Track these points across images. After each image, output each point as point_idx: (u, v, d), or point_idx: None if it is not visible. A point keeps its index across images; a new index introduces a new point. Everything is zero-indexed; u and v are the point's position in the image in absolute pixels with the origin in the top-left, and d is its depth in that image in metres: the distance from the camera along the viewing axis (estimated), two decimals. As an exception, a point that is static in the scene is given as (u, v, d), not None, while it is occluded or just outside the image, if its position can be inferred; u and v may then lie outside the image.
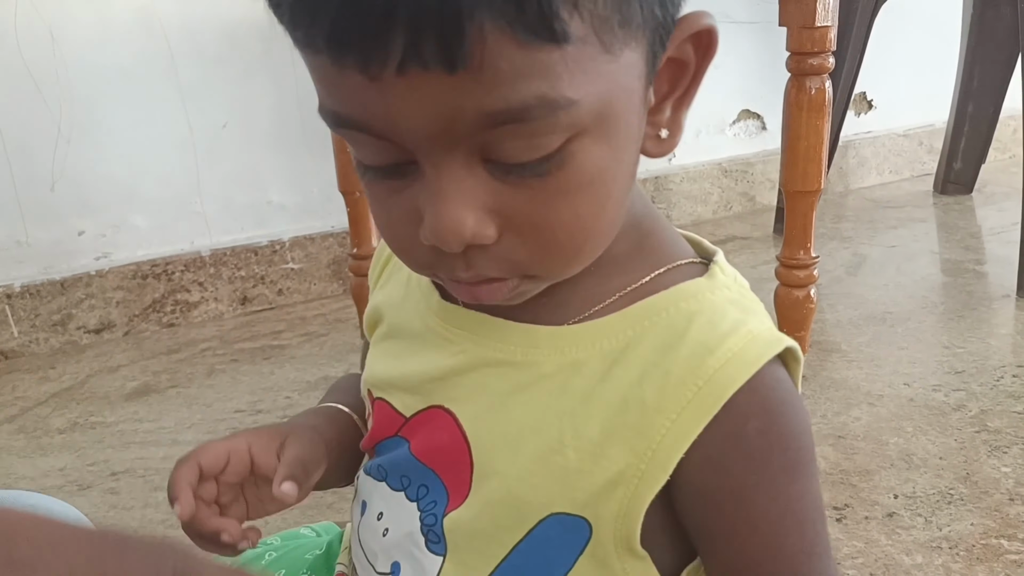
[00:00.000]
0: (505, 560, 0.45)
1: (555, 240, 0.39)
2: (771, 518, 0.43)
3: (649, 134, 0.42)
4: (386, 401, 0.51)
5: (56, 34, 1.55)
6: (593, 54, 0.35)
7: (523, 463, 0.44)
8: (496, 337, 0.45)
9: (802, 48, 1.27)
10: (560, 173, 0.37)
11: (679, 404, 0.41)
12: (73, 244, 1.65)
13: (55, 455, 1.27)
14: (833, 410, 1.27)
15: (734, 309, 0.43)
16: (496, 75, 0.33)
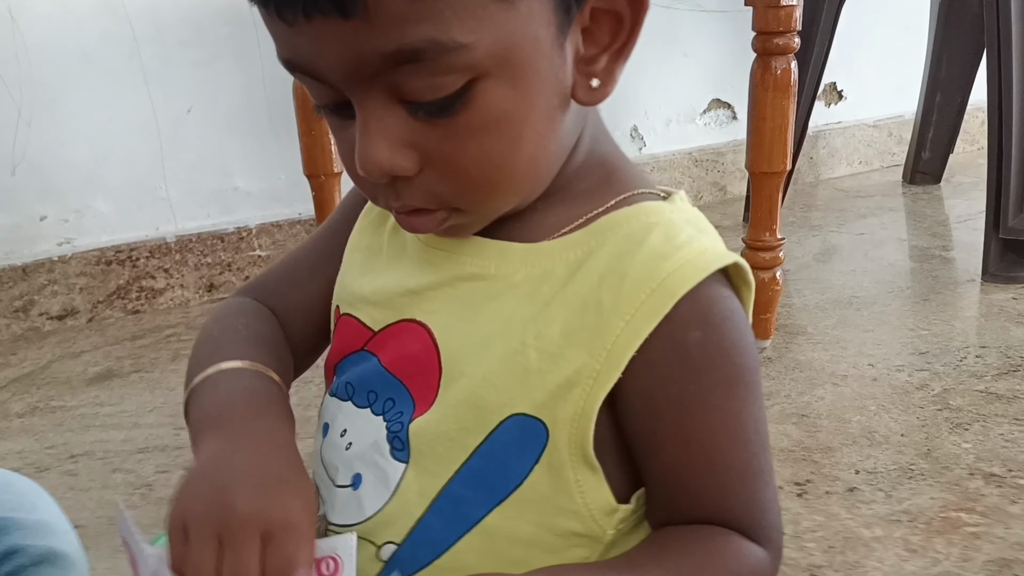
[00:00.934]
0: (465, 464, 0.46)
1: (468, 176, 0.42)
2: (705, 430, 0.44)
3: (581, 82, 0.43)
4: (353, 316, 0.52)
5: (16, 15, 1.53)
6: (483, 2, 0.37)
7: (488, 365, 0.45)
8: (472, 253, 0.48)
9: (768, 27, 1.27)
10: (466, 113, 0.40)
11: (633, 305, 0.43)
12: (35, 229, 1.62)
13: (13, 439, 1.25)
14: (797, 390, 1.27)
15: (690, 227, 0.46)
16: (386, 19, 0.36)
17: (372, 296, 0.51)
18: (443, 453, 0.46)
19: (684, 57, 2.15)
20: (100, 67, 1.60)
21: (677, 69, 2.16)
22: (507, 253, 0.47)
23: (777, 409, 1.22)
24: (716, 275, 0.44)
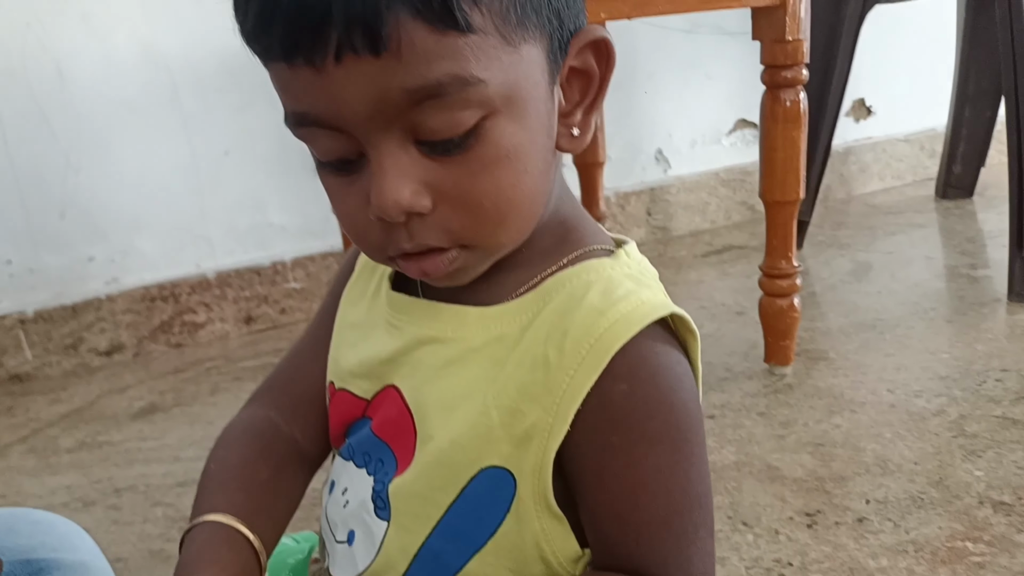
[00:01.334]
0: (441, 521, 0.49)
1: (481, 208, 0.45)
2: (623, 484, 0.46)
3: (563, 132, 0.48)
4: (347, 390, 0.56)
5: (63, 68, 1.61)
6: (495, 43, 0.42)
7: (455, 428, 0.48)
8: (431, 318, 0.51)
9: (775, 61, 1.30)
10: (479, 147, 0.43)
11: (575, 361, 0.45)
12: (83, 270, 1.71)
13: (63, 474, 1.32)
14: (815, 418, 1.29)
15: (629, 282, 0.48)
16: (413, 56, 0.40)
17: (358, 369, 0.55)
18: (419, 511, 0.50)
19: (707, 79, 2.18)
20: (142, 115, 1.68)
21: (700, 91, 2.18)
22: (462, 317, 0.50)
23: (794, 438, 1.24)
24: (654, 329, 0.46)
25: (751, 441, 1.24)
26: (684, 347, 0.49)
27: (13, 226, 1.64)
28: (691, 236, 2.22)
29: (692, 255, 2.08)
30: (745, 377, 1.43)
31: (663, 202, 2.19)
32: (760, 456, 1.20)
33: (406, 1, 0.39)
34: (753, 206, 2.30)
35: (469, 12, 0.40)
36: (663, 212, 2.20)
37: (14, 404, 1.59)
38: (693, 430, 0.47)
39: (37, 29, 1.59)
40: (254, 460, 0.58)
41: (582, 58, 0.47)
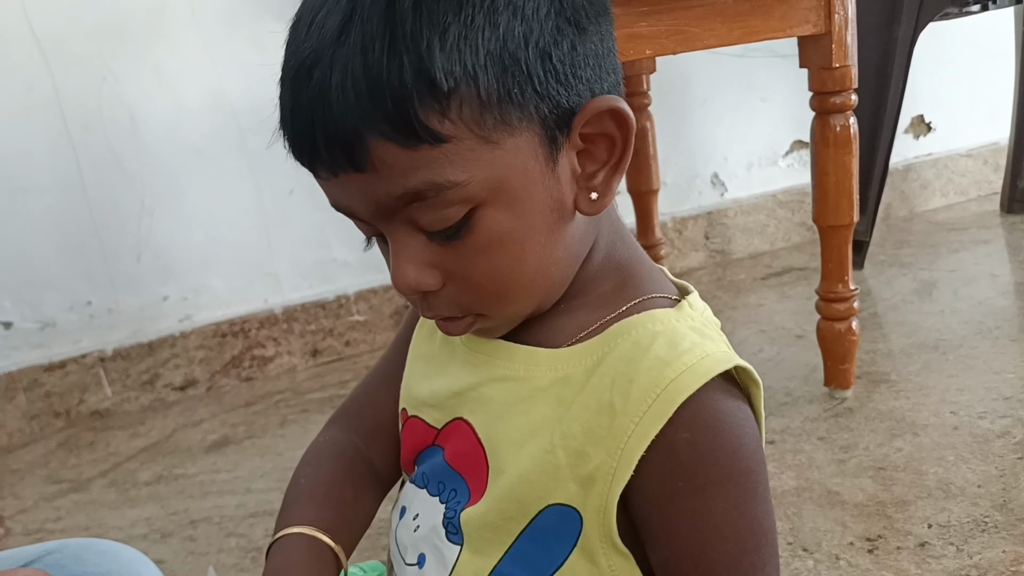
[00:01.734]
0: (512, 546, 0.52)
1: (482, 288, 0.50)
2: (692, 526, 0.48)
3: (582, 196, 0.50)
4: (419, 418, 0.59)
5: (136, 117, 1.70)
6: (472, 145, 0.45)
7: (524, 464, 0.51)
8: (505, 356, 0.54)
9: (823, 88, 1.31)
10: (471, 236, 0.47)
11: (641, 409, 0.48)
12: (158, 309, 1.79)
13: (141, 506, 1.39)
14: (876, 442, 1.28)
15: (694, 334, 0.50)
16: (390, 171, 0.45)
17: (430, 399, 0.58)
18: (491, 537, 0.53)
19: (761, 102, 2.18)
20: (211, 159, 1.76)
21: (755, 114, 2.19)
22: (534, 357, 0.53)
23: (854, 463, 1.24)
24: (716, 380, 0.48)
25: (811, 466, 1.24)
26: (747, 396, 0.51)
27: (93, 268, 1.73)
28: (750, 259, 2.21)
29: (751, 278, 2.08)
30: (805, 401, 1.43)
31: (721, 225, 2.19)
32: (820, 481, 1.20)
33: (373, 128, 0.43)
34: (813, 227, 2.28)
35: (438, 126, 0.44)
36: (721, 236, 2.20)
37: (95, 439, 1.66)
38: (756, 472, 0.49)
39: (112, 82, 1.68)
40: (340, 480, 0.63)
41: (598, 124, 0.48)
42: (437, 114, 0.44)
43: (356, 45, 0.43)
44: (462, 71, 0.43)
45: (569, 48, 0.47)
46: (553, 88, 0.46)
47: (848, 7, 1.26)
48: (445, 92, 0.43)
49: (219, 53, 1.73)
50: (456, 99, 0.44)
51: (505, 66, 0.44)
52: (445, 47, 0.43)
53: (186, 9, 1.69)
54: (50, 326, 1.73)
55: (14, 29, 1.60)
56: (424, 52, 0.43)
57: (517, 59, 0.45)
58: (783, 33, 1.26)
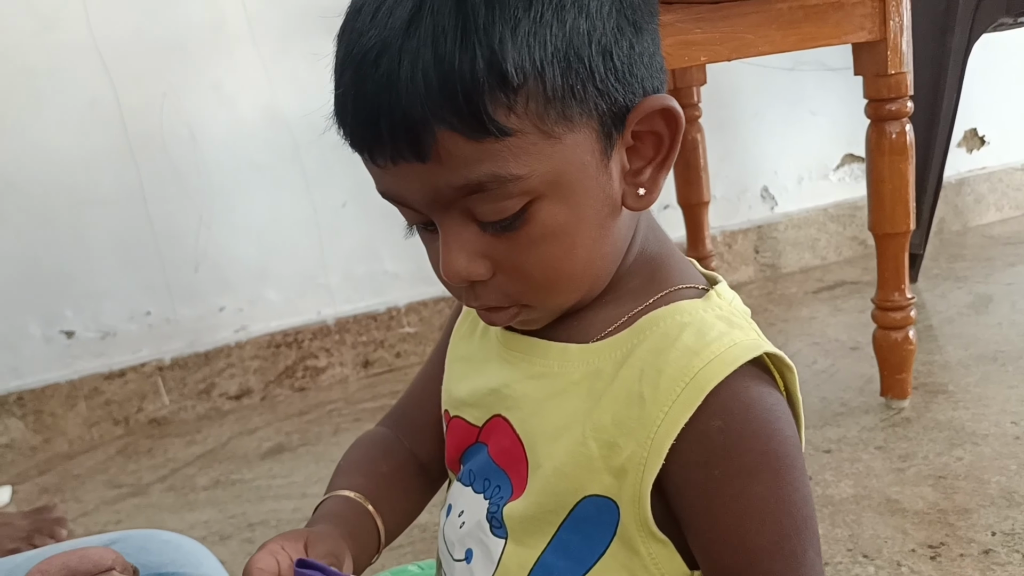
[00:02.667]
0: (554, 536, 0.53)
1: (533, 279, 0.50)
2: (731, 513, 0.48)
3: (629, 192, 0.51)
4: (461, 418, 0.60)
5: (195, 133, 1.74)
6: (534, 140, 0.46)
7: (559, 456, 0.52)
8: (539, 354, 0.55)
9: (879, 95, 1.30)
10: (526, 228, 0.48)
11: (670, 398, 0.48)
12: (215, 319, 1.82)
13: (200, 510, 1.41)
14: (935, 451, 1.26)
15: (721, 323, 0.51)
16: (454, 162, 0.45)
17: (469, 399, 0.59)
18: (533, 529, 0.53)
19: (812, 115, 2.17)
20: (267, 173, 1.79)
21: (805, 127, 2.18)
22: (566, 354, 0.54)
23: (913, 471, 1.22)
24: (745, 367, 0.49)
25: (869, 474, 1.22)
26: (783, 381, 0.52)
27: (152, 280, 1.77)
28: (801, 273, 2.20)
29: (803, 292, 2.06)
30: (861, 411, 1.41)
31: (771, 239, 2.18)
32: (879, 489, 1.18)
33: (441, 119, 0.44)
34: (864, 241, 2.26)
35: (504, 120, 0.44)
36: (771, 249, 2.19)
37: (154, 446, 1.70)
38: (791, 456, 0.49)
39: (172, 98, 1.73)
40: (376, 457, 0.66)
41: (649, 123, 0.50)
42: (504, 107, 0.44)
43: (427, 36, 0.44)
44: (531, 66, 0.44)
45: (628, 47, 0.48)
46: (612, 85, 0.47)
47: (904, 14, 1.26)
48: (514, 86, 0.44)
49: (275, 70, 1.77)
50: (523, 93, 0.45)
51: (570, 62, 0.45)
52: (516, 41, 0.44)
53: (244, 27, 1.74)
54: (110, 335, 1.77)
55: (80, 46, 1.65)
56: (496, 45, 0.43)
57: (581, 56, 0.46)
58: (837, 40, 1.26)
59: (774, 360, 0.51)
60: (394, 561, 1.11)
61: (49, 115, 1.66)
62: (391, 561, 1.12)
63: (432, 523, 1.24)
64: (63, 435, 1.74)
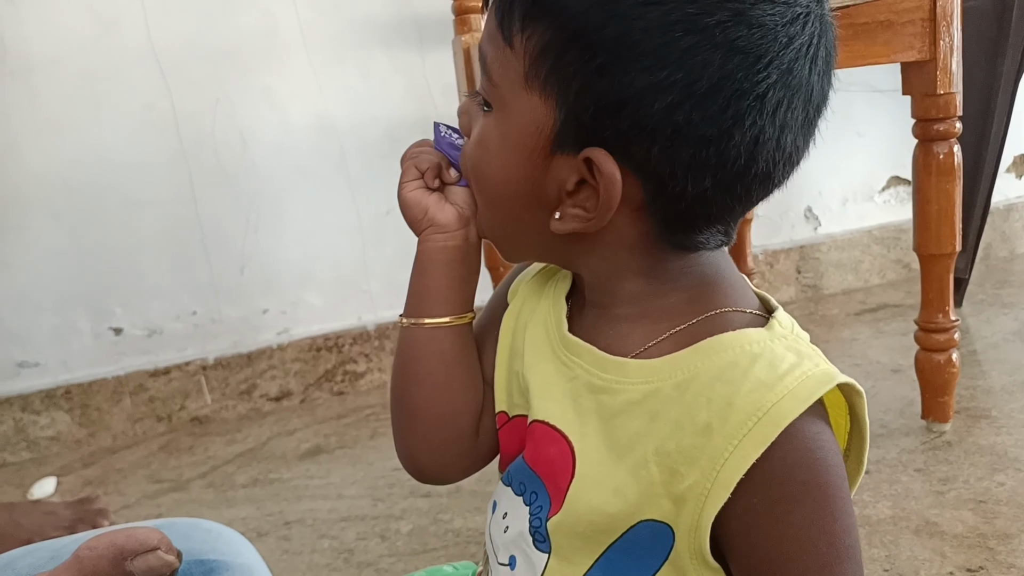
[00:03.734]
0: (602, 556, 0.52)
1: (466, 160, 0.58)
2: (770, 540, 0.48)
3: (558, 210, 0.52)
4: (520, 416, 0.60)
5: (246, 137, 1.78)
6: (518, 70, 0.50)
7: (619, 477, 0.51)
8: (597, 367, 0.54)
9: (927, 115, 1.30)
10: (483, 119, 0.55)
11: (740, 432, 0.47)
12: (258, 321, 1.85)
13: (239, 507, 1.43)
14: (976, 475, 1.24)
15: (791, 355, 0.49)
16: (487, 29, 0.53)
17: (519, 400, 0.60)
18: (581, 547, 0.53)
19: (858, 136, 2.16)
20: (314, 178, 1.82)
21: (851, 148, 2.17)
22: (625, 369, 0.52)
23: (954, 495, 1.20)
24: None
25: (908, 496, 1.21)
26: (852, 407, 0.51)
27: (199, 280, 1.80)
28: (843, 294, 2.18)
29: (844, 313, 2.05)
30: (901, 433, 1.40)
31: (813, 260, 2.17)
32: (918, 512, 1.17)
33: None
34: (908, 264, 2.24)
35: (512, 34, 0.50)
36: (813, 270, 2.17)
37: (195, 443, 1.73)
38: (834, 486, 0.48)
39: (225, 103, 1.77)
40: None
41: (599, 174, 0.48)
42: (518, 25, 0.49)
43: None
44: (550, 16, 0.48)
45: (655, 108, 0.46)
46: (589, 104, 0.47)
47: (954, 34, 1.25)
48: (535, 16, 0.48)
49: (325, 78, 1.80)
50: (533, 29, 0.48)
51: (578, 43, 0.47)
52: None
53: (297, 36, 1.78)
54: (157, 334, 1.81)
55: (139, 51, 1.70)
56: None
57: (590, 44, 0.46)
58: (887, 59, 1.26)
59: (843, 387, 0.50)
60: (428, 562, 1.12)
61: (106, 117, 1.71)
62: (425, 562, 1.13)
63: (466, 528, 1.25)
64: (108, 429, 1.78)
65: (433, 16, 1.77)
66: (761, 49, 0.45)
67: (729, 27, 0.44)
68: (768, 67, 0.45)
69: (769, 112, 0.46)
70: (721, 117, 0.46)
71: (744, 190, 0.49)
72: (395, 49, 1.82)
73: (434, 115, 1.82)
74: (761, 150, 0.47)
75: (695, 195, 0.48)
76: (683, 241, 0.52)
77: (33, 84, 1.66)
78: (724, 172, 0.47)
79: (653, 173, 0.48)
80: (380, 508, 1.35)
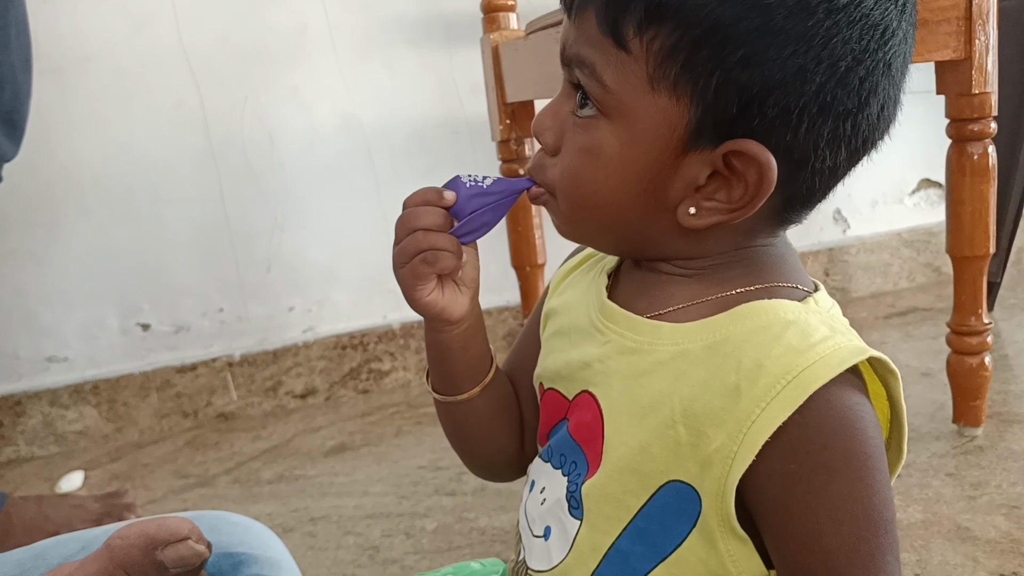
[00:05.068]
0: (631, 523, 0.52)
1: (563, 175, 0.54)
2: (808, 512, 0.47)
3: (684, 206, 0.51)
4: (556, 390, 0.60)
5: (274, 137, 1.79)
6: (639, 73, 0.48)
7: (644, 436, 0.51)
8: (631, 329, 0.55)
9: (961, 115, 1.28)
10: (587, 129, 0.52)
11: (769, 394, 0.47)
12: (284, 319, 1.86)
13: (264, 502, 1.43)
14: (1009, 480, 1.23)
15: (825, 328, 0.49)
16: (583, 34, 0.50)
17: (563, 370, 0.59)
18: (610, 512, 0.53)
19: (888, 139, 2.13)
20: (340, 178, 1.83)
21: (881, 150, 2.14)
22: (659, 332, 0.53)
23: (986, 500, 1.18)
24: (845, 372, 0.47)
25: (939, 501, 1.19)
26: (887, 388, 0.51)
27: (227, 277, 1.81)
28: (872, 298, 2.16)
29: (873, 316, 2.03)
30: (932, 438, 1.38)
31: (842, 263, 2.15)
32: (949, 516, 1.15)
33: (596, 4, 0.49)
34: (939, 268, 2.21)
35: (627, 36, 0.47)
36: (842, 273, 2.15)
37: (220, 439, 1.73)
38: (874, 458, 0.48)
39: (253, 102, 1.78)
40: None
41: (744, 166, 0.48)
42: (634, 28, 0.47)
43: None
44: (677, 15, 0.46)
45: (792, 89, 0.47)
46: (732, 98, 0.47)
47: (990, 33, 1.23)
48: (658, 17, 0.46)
49: (353, 76, 1.81)
50: (656, 31, 0.47)
51: (710, 39, 0.45)
52: None
53: (325, 35, 1.78)
54: (184, 330, 1.82)
55: (169, 50, 1.71)
56: None
57: (725, 39, 0.45)
58: (920, 58, 1.24)
59: (876, 365, 0.50)
60: (453, 560, 1.11)
61: (136, 115, 1.72)
62: (450, 560, 1.13)
63: (491, 526, 1.24)
64: (135, 424, 1.80)
65: (461, 14, 1.77)
66: (887, 19, 0.47)
67: (861, 3, 0.46)
68: (892, 36, 0.48)
69: (895, 79, 0.50)
70: (861, 89, 0.47)
71: (865, 157, 0.52)
72: (423, 48, 1.83)
73: (461, 114, 1.84)
74: (886, 115, 0.50)
75: (829, 169, 0.50)
76: (794, 218, 0.53)
77: (65, 82, 1.68)
78: (856, 142, 0.49)
79: (795, 153, 0.48)
80: (405, 506, 1.35)
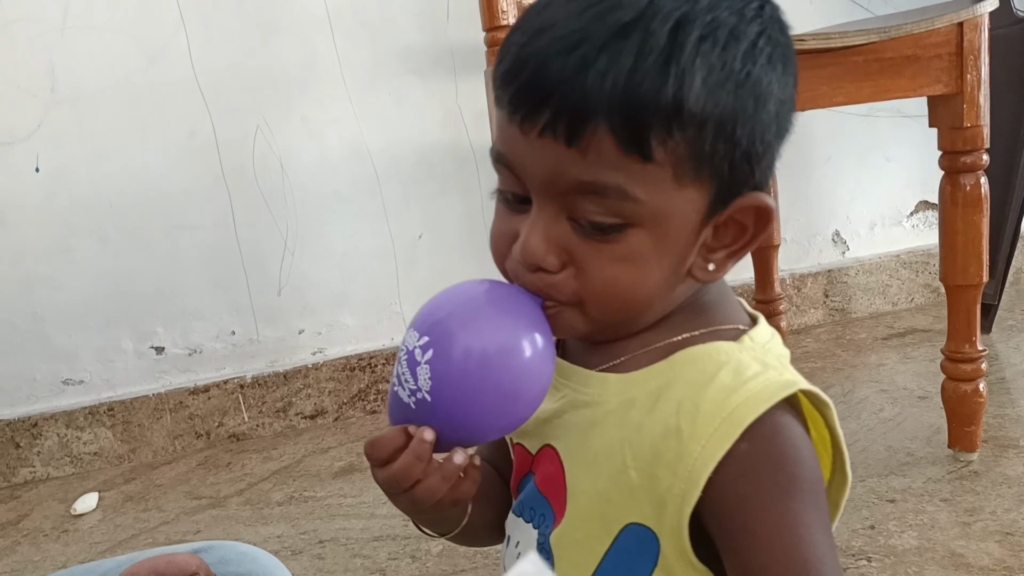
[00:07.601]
0: (599, 568, 0.56)
1: (595, 287, 0.53)
2: (765, 528, 0.50)
3: (699, 264, 0.54)
4: (522, 445, 0.64)
5: (284, 163, 1.83)
6: (666, 177, 0.50)
7: (602, 483, 0.55)
8: (582, 383, 0.58)
9: (954, 147, 1.31)
10: (615, 244, 0.51)
11: (707, 432, 0.50)
12: (294, 341, 1.90)
13: (274, 524, 1.47)
14: (1003, 507, 1.25)
15: (756, 364, 0.53)
16: (594, 159, 0.49)
17: (527, 426, 0.61)
18: (578, 559, 0.56)
19: (886, 161, 2.17)
20: (349, 204, 1.87)
21: (879, 173, 2.18)
22: (605, 383, 0.56)
23: (980, 526, 1.21)
24: (779, 404, 0.51)
25: (934, 527, 1.22)
26: (824, 418, 0.54)
27: (239, 301, 1.86)
28: (871, 319, 2.19)
29: (872, 338, 2.05)
30: (928, 462, 1.41)
31: (841, 284, 2.18)
32: (943, 543, 1.18)
33: (609, 118, 0.47)
34: (937, 289, 2.24)
35: (655, 147, 0.48)
36: (841, 294, 2.18)
37: (232, 460, 1.77)
38: (817, 483, 0.52)
39: (265, 131, 1.82)
40: None
41: (743, 214, 0.53)
42: (661, 138, 0.48)
43: (634, 45, 0.47)
44: (700, 116, 0.48)
45: (773, 138, 0.52)
46: (744, 167, 0.51)
47: (981, 67, 1.27)
48: (680, 126, 0.48)
49: (361, 105, 1.85)
50: (681, 136, 0.48)
51: (725, 128, 0.49)
52: (706, 86, 0.48)
53: (335, 66, 1.83)
54: (197, 353, 1.86)
55: (183, 80, 1.76)
56: (687, 84, 0.47)
57: (736, 127, 0.50)
58: (913, 93, 1.28)
59: (811, 398, 0.53)
60: (459, 584, 1.15)
61: (151, 143, 1.77)
62: (456, 584, 1.16)
63: (495, 551, 1.28)
64: (149, 446, 1.83)
65: (466, 46, 1.82)
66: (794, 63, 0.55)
67: (792, 63, 0.53)
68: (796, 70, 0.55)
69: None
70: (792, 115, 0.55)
71: None
72: (429, 78, 1.87)
73: (466, 142, 1.88)
74: None
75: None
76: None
77: (82, 112, 1.72)
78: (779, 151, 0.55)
79: (767, 180, 0.54)
80: (411, 528, 1.38)
